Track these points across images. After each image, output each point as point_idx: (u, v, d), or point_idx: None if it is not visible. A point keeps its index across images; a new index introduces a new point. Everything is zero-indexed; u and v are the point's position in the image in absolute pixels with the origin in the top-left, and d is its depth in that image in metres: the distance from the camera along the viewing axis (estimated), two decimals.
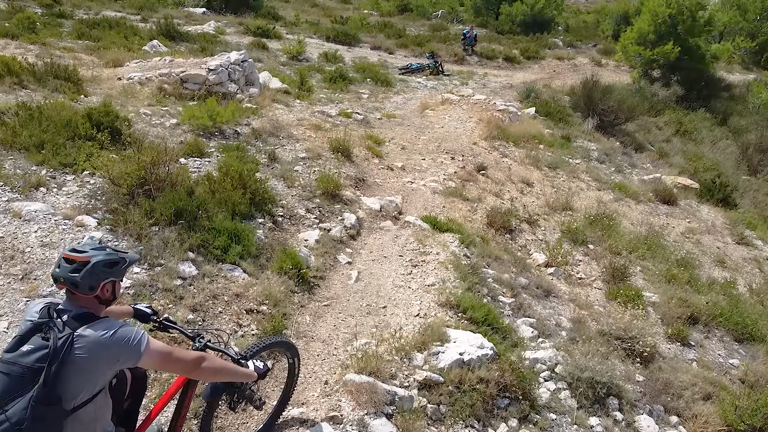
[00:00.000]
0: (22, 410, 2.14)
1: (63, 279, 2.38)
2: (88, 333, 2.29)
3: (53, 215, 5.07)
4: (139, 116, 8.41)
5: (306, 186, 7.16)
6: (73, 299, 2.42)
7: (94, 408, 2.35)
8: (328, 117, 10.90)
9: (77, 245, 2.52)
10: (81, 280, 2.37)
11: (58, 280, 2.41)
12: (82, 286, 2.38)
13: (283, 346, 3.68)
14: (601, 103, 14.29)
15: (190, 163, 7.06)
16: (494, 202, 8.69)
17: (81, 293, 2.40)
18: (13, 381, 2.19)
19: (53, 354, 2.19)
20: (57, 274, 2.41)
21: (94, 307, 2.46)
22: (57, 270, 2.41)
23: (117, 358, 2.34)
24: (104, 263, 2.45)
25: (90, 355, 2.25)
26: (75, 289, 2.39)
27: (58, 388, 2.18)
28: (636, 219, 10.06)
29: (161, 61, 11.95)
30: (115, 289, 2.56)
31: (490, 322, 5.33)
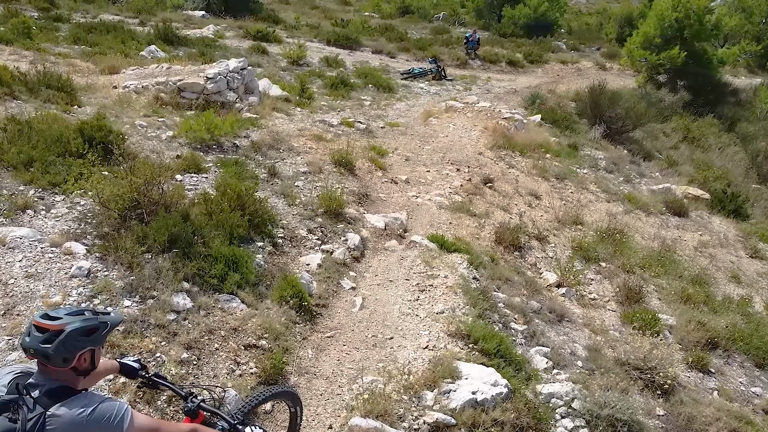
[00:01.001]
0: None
1: (33, 350, 2.06)
2: (62, 412, 2.01)
3: (40, 242, 4.77)
4: (134, 128, 8.12)
5: (307, 204, 6.86)
6: (45, 372, 2.10)
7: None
8: (329, 126, 10.61)
9: (50, 311, 2.18)
10: (53, 352, 2.05)
11: (27, 351, 2.08)
12: (54, 359, 2.06)
13: (285, 396, 3.39)
14: (609, 110, 13.99)
15: (186, 180, 6.76)
16: (502, 217, 8.39)
17: (54, 366, 2.08)
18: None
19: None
20: (27, 344, 2.08)
21: (71, 380, 2.14)
22: (27, 339, 2.08)
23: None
24: (80, 331, 2.12)
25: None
26: (47, 361, 2.07)
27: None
28: (647, 232, 9.76)
29: (158, 68, 11.65)
30: (95, 358, 2.23)
31: (502, 353, 5.03)
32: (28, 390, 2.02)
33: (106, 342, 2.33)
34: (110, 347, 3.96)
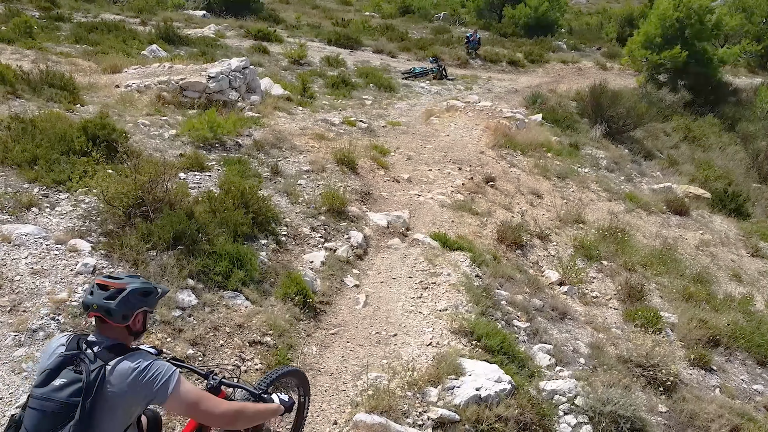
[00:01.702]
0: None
1: (96, 306, 2.23)
2: (120, 365, 2.16)
3: (45, 239, 4.79)
4: (137, 127, 8.14)
5: (310, 202, 6.88)
6: (103, 329, 2.26)
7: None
8: (331, 126, 10.63)
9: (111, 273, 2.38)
10: (116, 307, 2.23)
11: (90, 308, 2.25)
12: (115, 315, 2.23)
13: (297, 375, 3.48)
14: (610, 110, 14.00)
15: (189, 178, 6.78)
16: (504, 216, 8.41)
17: (114, 322, 2.25)
18: (47, 418, 2.04)
19: (87, 387, 2.06)
20: (90, 300, 2.25)
21: (125, 339, 2.31)
22: (90, 297, 2.26)
23: (143, 395, 2.19)
24: (139, 291, 2.31)
25: (121, 390, 2.13)
26: (108, 317, 2.23)
27: (94, 423, 2.06)
28: (648, 231, 9.78)
29: (160, 67, 11.68)
30: (146, 321, 2.43)
31: (505, 350, 5.05)
32: (88, 346, 2.18)
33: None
34: None
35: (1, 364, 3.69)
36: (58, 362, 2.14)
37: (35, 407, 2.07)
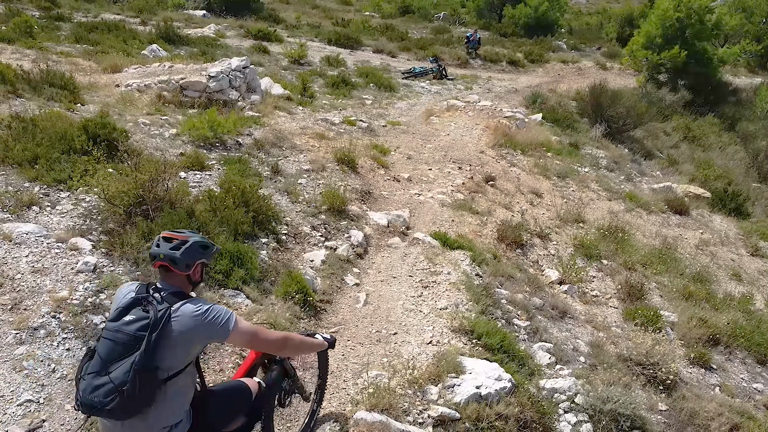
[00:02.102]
0: (125, 373, 2.28)
1: (163, 255, 2.55)
2: (183, 308, 2.45)
3: (46, 238, 4.80)
4: (138, 126, 8.15)
5: (311, 201, 6.89)
6: (168, 277, 2.59)
7: (183, 382, 2.50)
8: (331, 125, 10.64)
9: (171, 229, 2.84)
10: (180, 256, 2.55)
11: (157, 257, 2.57)
12: (180, 263, 2.55)
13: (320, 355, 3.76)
14: (610, 110, 14.01)
15: (190, 177, 6.79)
16: (504, 215, 8.42)
17: (178, 270, 2.56)
18: (118, 347, 2.34)
19: (154, 324, 2.34)
20: (156, 251, 2.58)
21: (185, 287, 2.62)
22: (156, 248, 2.58)
23: (208, 333, 2.50)
24: (200, 244, 2.63)
25: (184, 328, 2.41)
26: (173, 265, 2.55)
27: (157, 357, 2.33)
28: (648, 231, 9.79)
29: (160, 66, 11.69)
30: (203, 273, 2.75)
31: (506, 348, 5.05)
32: (155, 291, 2.50)
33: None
34: None
35: (2, 362, 3.70)
36: (129, 302, 2.44)
37: (108, 338, 2.37)
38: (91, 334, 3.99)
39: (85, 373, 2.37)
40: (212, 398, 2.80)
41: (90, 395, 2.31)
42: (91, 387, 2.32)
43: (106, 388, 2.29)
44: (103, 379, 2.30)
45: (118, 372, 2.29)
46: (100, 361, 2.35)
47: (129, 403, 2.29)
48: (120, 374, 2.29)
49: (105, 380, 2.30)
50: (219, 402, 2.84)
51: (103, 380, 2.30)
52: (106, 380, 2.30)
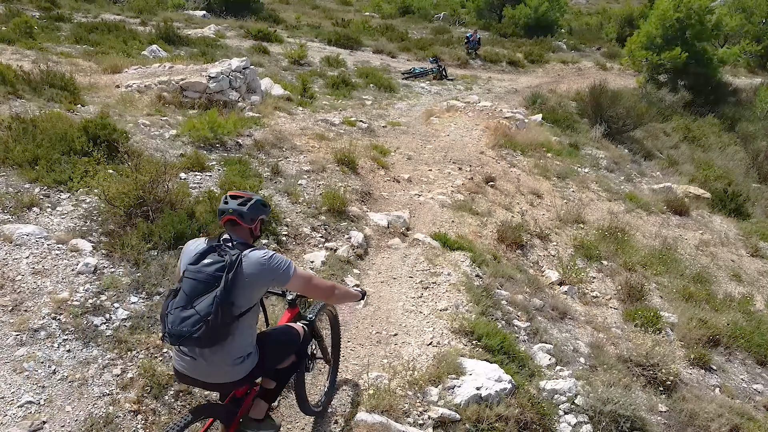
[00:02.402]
0: (209, 305, 2.60)
1: (232, 210, 2.88)
2: (251, 254, 2.79)
3: (46, 239, 4.80)
4: (138, 127, 8.15)
5: (311, 202, 6.89)
6: (234, 230, 2.91)
7: (251, 319, 2.88)
8: (331, 126, 10.64)
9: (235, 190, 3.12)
10: (247, 211, 2.90)
11: (226, 212, 2.90)
12: (246, 217, 2.90)
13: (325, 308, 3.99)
14: (610, 110, 14.02)
15: (190, 178, 6.79)
16: (504, 216, 8.42)
17: (244, 223, 2.91)
18: (200, 285, 2.66)
19: (229, 266, 2.66)
20: (225, 207, 2.91)
21: (248, 239, 2.96)
22: (225, 205, 2.92)
23: (272, 277, 2.83)
24: (261, 202, 3.01)
25: (253, 271, 2.74)
26: (240, 219, 2.89)
27: (232, 294, 2.65)
28: (648, 231, 9.79)
29: (160, 67, 11.69)
30: (261, 228, 3.11)
31: (506, 349, 5.05)
32: (226, 241, 2.82)
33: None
34: (117, 343, 4.00)
35: (3, 364, 3.70)
36: (205, 249, 2.77)
37: (191, 278, 2.69)
38: (91, 335, 4.00)
39: (171, 309, 2.66)
40: (268, 338, 3.15)
41: (179, 326, 2.61)
42: (179, 319, 2.62)
43: (192, 319, 2.60)
44: (190, 312, 2.61)
45: (202, 305, 2.61)
46: (186, 297, 2.66)
47: (212, 332, 2.61)
48: (204, 307, 2.60)
49: (191, 312, 2.61)
50: (274, 341, 3.20)
51: (189, 312, 2.61)
52: (192, 312, 2.61)
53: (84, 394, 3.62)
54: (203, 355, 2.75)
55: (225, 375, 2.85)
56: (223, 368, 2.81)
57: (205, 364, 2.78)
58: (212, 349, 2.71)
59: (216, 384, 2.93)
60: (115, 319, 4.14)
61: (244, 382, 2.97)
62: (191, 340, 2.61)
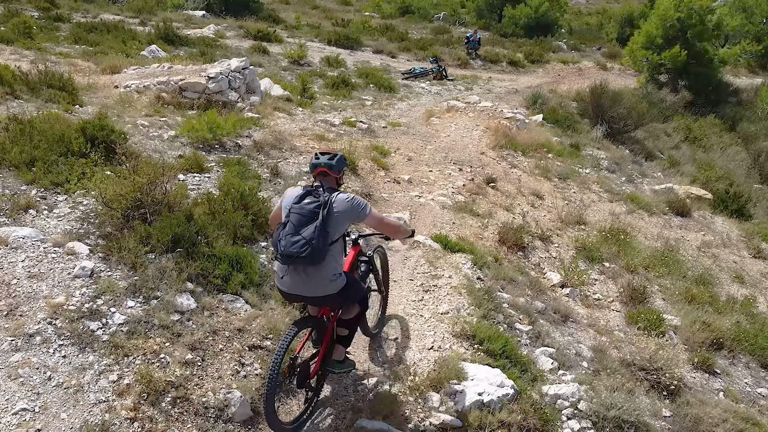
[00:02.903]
0: (312, 232, 3.41)
1: (324, 163, 3.74)
2: (339, 197, 3.62)
3: (42, 242, 4.74)
4: (136, 128, 8.10)
5: None
6: (325, 180, 3.74)
7: (339, 248, 3.73)
8: (331, 126, 10.58)
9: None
10: (335, 164, 3.77)
11: (318, 165, 3.75)
12: (334, 169, 3.77)
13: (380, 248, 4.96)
14: (611, 110, 13.95)
15: (188, 180, 6.73)
16: (505, 217, 8.36)
17: (333, 174, 3.77)
18: (303, 218, 3.48)
19: (324, 203, 3.51)
20: (318, 161, 3.76)
21: (335, 186, 3.78)
22: (317, 160, 3.77)
23: (354, 214, 3.67)
24: (344, 158, 3.87)
25: (341, 208, 3.57)
26: (330, 170, 3.75)
27: (328, 225, 3.46)
28: (650, 232, 9.74)
29: (159, 67, 11.61)
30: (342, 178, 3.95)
31: (507, 354, 5.00)
32: (318, 187, 3.63)
33: None
34: (114, 348, 3.94)
35: None
36: (304, 192, 3.59)
37: (296, 213, 3.50)
38: (87, 340, 3.93)
39: (283, 236, 3.46)
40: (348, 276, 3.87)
41: (290, 248, 3.41)
42: (290, 243, 3.42)
43: (300, 242, 3.39)
44: (298, 237, 3.41)
45: (307, 232, 3.41)
46: (293, 227, 3.46)
47: (315, 253, 3.40)
48: (309, 233, 3.41)
49: (299, 238, 3.41)
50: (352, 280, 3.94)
51: (297, 238, 3.41)
52: (299, 238, 3.41)
53: (80, 401, 3.56)
54: (307, 272, 3.53)
55: (324, 289, 3.64)
56: (323, 283, 3.61)
57: (308, 280, 3.57)
58: (314, 267, 3.50)
59: (316, 297, 3.73)
60: (112, 324, 4.08)
61: (335, 300, 3.80)
62: (299, 259, 3.41)
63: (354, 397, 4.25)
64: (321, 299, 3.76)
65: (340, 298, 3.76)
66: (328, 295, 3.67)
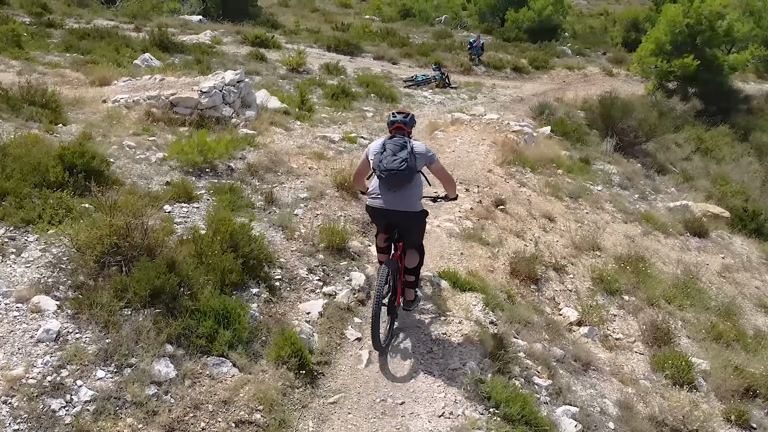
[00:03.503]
0: (406, 154, 4.54)
1: (399, 120, 4.82)
2: (416, 143, 4.75)
3: (5, 296, 4.21)
4: (122, 149, 7.59)
5: (307, 237, 6.29)
6: (399, 132, 4.79)
7: (419, 180, 4.81)
8: (330, 143, 10.05)
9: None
10: (409, 121, 4.89)
11: (396, 122, 4.83)
12: (409, 125, 4.87)
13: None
14: (621, 122, 13.41)
15: (175, 211, 6.22)
16: (516, 245, 7.83)
17: (407, 128, 4.84)
18: (396, 146, 4.58)
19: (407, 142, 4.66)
20: (395, 119, 4.86)
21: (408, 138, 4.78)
22: (394, 117, 4.87)
23: (426, 158, 4.72)
24: (413, 117, 4.99)
25: (417, 151, 4.66)
26: (405, 126, 4.83)
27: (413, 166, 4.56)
28: (668, 257, 9.21)
29: (151, 79, 11.08)
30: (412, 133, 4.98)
31: (527, 418, 4.47)
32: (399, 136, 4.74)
33: None
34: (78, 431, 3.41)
35: None
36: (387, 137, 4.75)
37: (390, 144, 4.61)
38: (47, 423, 3.40)
39: (384, 158, 4.54)
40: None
41: (392, 164, 4.49)
42: (391, 161, 4.50)
43: (399, 160, 4.49)
44: (395, 158, 4.50)
45: (402, 154, 4.53)
46: (391, 152, 4.54)
47: (408, 171, 4.49)
48: (404, 155, 4.52)
49: (397, 158, 4.50)
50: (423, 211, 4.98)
51: (395, 158, 4.50)
52: (397, 158, 4.50)
53: None
54: (400, 190, 4.63)
55: (412, 205, 4.73)
56: (411, 200, 4.72)
57: (400, 196, 4.66)
58: (405, 186, 4.61)
59: (402, 212, 4.71)
60: (77, 402, 3.54)
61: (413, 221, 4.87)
62: (399, 173, 4.49)
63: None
64: (406, 216, 4.75)
65: (416, 221, 4.91)
66: (412, 212, 4.75)
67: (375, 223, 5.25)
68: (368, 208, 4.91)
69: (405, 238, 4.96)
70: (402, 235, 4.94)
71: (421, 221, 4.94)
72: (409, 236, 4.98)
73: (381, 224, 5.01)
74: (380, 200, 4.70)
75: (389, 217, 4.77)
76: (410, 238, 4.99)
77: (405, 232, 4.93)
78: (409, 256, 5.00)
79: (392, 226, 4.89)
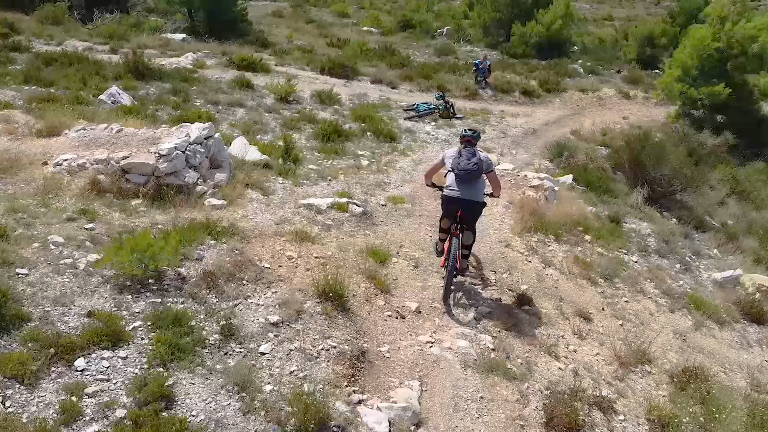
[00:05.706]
0: (478, 159, 6.52)
1: (470, 135, 6.79)
2: (482, 154, 6.67)
3: None
4: (45, 250, 5.92)
5: (274, 406, 4.57)
6: (469, 145, 6.68)
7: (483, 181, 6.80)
8: (316, 214, 8.33)
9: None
10: (478, 136, 6.93)
11: (466, 136, 6.78)
12: (476, 139, 6.83)
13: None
14: (653, 170, 11.71)
15: (92, 368, 4.53)
16: (549, 371, 6.14)
17: (475, 141, 6.77)
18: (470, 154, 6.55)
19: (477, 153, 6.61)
20: (466, 134, 6.81)
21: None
22: (466, 133, 6.85)
23: (487, 165, 6.65)
24: (479, 133, 7.46)
25: (483, 159, 6.57)
26: (474, 140, 6.78)
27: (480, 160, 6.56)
28: (728, 360, 7.52)
29: (107, 129, 9.30)
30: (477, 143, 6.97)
31: None
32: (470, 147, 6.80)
33: None
34: None
35: None
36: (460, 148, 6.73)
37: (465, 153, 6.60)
38: None
39: (461, 161, 6.48)
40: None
41: (467, 166, 6.43)
42: (466, 164, 6.44)
43: (472, 163, 6.45)
44: (470, 162, 6.45)
45: (474, 159, 6.48)
46: (466, 158, 6.48)
47: (478, 171, 6.50)
48: (476, 160, 6.47)
49: (470, 162, 6.45)
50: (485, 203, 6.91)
51: (470, 162, 6.45)
52: (471, 162, 6.45)
53: None
54: (471, 183, 6.55)
55: (477, 196, 6.63)
56: (479, 193, 6.66)
57: (472, 189, 6.57)
58: (476, 180, 6.60)
59: (472, 201, 6.59)
60: None
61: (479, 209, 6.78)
62: (471, 172, 6.45)
63: None
64: (474, 205, 6.65)
65: (479, 207, 6.75)
66: (479, 201, 6.68)
67: (446, 209, 6.83)
68: (444, 197, 6.74)
69: (467, 221, 6.70)
70: (464, 220, 6.65)
71: (482, 208, 6.81)
72: (472, 220, 6.77)
73: (451, 210, 6.70)
74: (457, 192, 6.56)
75: (461, 203, 6.56)
76: (471, 222, 6.77)
77: (469, 216, 6.68)
78: (467, 235, 6.79)
79: (457, 212, 6.62)
